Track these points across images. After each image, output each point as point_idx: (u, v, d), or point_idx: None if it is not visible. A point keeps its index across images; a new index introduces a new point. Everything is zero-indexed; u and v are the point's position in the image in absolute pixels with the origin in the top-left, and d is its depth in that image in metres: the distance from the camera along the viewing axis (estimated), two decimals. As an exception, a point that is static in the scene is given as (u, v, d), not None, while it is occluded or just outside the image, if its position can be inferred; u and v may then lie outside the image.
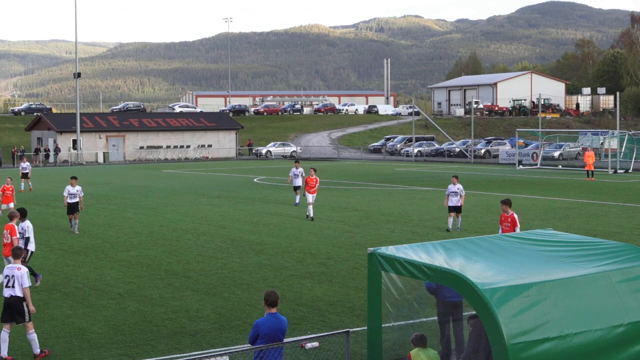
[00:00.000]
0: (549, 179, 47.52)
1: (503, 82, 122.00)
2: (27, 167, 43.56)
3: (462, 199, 24.82)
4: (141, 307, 15.32)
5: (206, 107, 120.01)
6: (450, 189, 24.80)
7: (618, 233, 24.01)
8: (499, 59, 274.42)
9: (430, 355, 9.78)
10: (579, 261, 9.95)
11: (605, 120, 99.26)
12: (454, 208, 24.74)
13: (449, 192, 24.83)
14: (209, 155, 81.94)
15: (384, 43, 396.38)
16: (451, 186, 24.79)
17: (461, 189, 24.78)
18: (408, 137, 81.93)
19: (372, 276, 10.26)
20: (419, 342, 9.95)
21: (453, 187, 24.68)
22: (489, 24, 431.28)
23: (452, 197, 24.63)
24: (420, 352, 9.79)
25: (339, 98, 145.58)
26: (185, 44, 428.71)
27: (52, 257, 21.03)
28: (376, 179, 47.69)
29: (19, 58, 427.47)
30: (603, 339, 8.85)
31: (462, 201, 24.87)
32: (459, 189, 24.69)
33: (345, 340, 10.19)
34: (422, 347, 9.89)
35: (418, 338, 10.00)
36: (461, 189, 24.78)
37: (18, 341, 13.09)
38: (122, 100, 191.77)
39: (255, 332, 9.66)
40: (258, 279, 17.91)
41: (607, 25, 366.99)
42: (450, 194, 24.72)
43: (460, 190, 24.66)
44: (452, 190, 24.67)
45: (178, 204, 34.34)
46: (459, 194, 24.60)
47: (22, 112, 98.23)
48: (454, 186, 24.68)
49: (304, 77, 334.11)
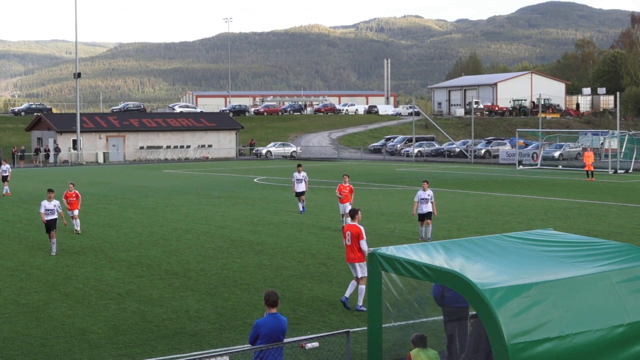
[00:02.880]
0: (549, 179, 47.52)
1: (503, 82, 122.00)
2: (7, 169, 41.85)
3: (434, 206, 22.78)
4: (141, 307, 15.32)
5: (206, 107, 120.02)
6: (419, 195, 22.78)
7: (618, 233, 24.00)
8: (499, 59, 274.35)
9: (430, 356, 9.78)
10: (579, 261, 9.95)
11: (606, 121, 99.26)
12: (424, 215, 22.65)
13: (418, 198, 22.74)
14: (209, 156, 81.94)
15: (384, 43, 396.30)
16: (421, 192, 22.82)
17: (432, 195, 22.80)
18: (408, 137, 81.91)
19: (372, 276, 10.26)
20: (419, 342, 9.95)
21: (423, 194, 22.72)
22: (489, 24, 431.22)
23: (422, 204, 22.60)
24: (421, 352, 9.79)
25: (339, 98, 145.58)
26: (185, 44, 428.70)
27: (52, 257, 21.03)
28: (376, 179, 47.69)
29: (19, 58, 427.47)
30: (603, 339, 8.85)
31: (434, 208, 22.81)
32: (430, 195, 22.72)
33: (345, 341, 10.19)
34: (422, 347, 9.89)
35: (418, 338, 10.00)
36: (432, 195, 22.80)
37: (18, 341, 13.09)
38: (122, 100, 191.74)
39: (255, 332, 9.66)
40: (258, 279, 17.91)
41: (607, 25, 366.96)
42: (419, 200, 22.66)
43: (430, 197, 22.69)
44: (422, 196, 22.68)
45: (178, 204, 34.35)
46: (429, 201, 22.62)
47: (22, 112, 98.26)
48: (424, 192, 22.74)
49: (304, 77, 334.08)
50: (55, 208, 21.81)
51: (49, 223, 21.64)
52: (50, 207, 21.78)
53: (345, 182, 25.53)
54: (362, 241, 14.86)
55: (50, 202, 21.80)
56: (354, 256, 14.94)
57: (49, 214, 21.71)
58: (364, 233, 14.97)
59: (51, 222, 21.64)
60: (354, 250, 14.92)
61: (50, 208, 21.75)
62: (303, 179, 30.07)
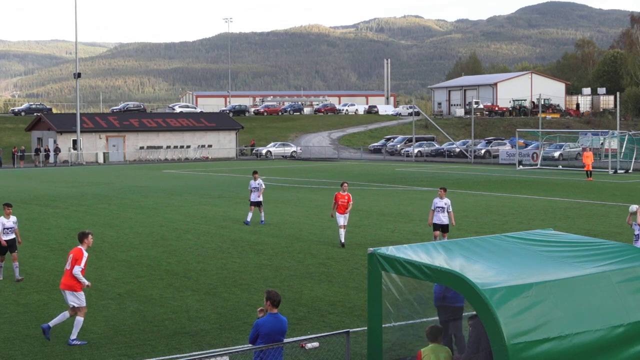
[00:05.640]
0: (549, 179, 47.52)
1: (503, 82, 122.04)
2: None
3: (451, 216, 20.72)
4: (141, 307, 15.32)
5: (206, 107, 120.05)
6: (435, 203, 20.70)
7: (618, 233, 24.01)
8: (499, 59, 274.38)
9: (440, 358, 9.60)
10: (579, 261, 9.95)
11: (606, 121, 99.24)
12: (440, 226, 20.60)
13: (434, 206, 20.70)
14: (209, 156, 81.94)
15: (384, 43, 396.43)
16: (437, 200, 20.69)
17: (449, 204, 20.69)
18: (408, 138, 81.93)
19: (373, 276, 10.26)
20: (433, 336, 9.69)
21: (439, 202, 20.60)
22: (489, 24, 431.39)
23: (439, 212, 20.61)
24: (432, 354, 9.57)
25: (339, 98, 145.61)
26: (185, 44, 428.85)
27: (52, 257, 21.02)
28: (376, 179, 47.69)
29: (19, 58, 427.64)
30: (603, 339, 8.85)
31: (452, 218, 20.76)
32: (447, 204, 20.60)
33: (345, 341, 10.19)
34: (436, 343, 9.68)
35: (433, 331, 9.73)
36: (449, 204, 20.69)
37: (18, 341, 13.09)
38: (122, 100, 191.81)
39: (255, 331, 9.67)
40: (258, 279, 17.91)
41: (607, 25, 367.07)
42: (436, 209, 20.66)
43: (447, 205, 20.57)
44: (438, 205, 20.61)
45: (178, 204, 34.34)
46: (446, 210, 20.57)
47: (22, 112, 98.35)
48: (440, 200, 20.60)
49: (304, 77, 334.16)
50: (14, 226, 18.04)
51: (9, 244, 17.88)
52: (10, 224, 17.97)
53: (343, 191, 22.38)
54: (76, 267, 13.02)
55: (8, 220, 17.95)
56: (67, 283, 13.10)
57: (8, 233, 17.93)
58: (84, 261, 13.13)
59: (11, 242, 17.96)
60: (68, 275, 13.11)
61: (9, 226, 17.95)
62: (259, 187, 27.01)
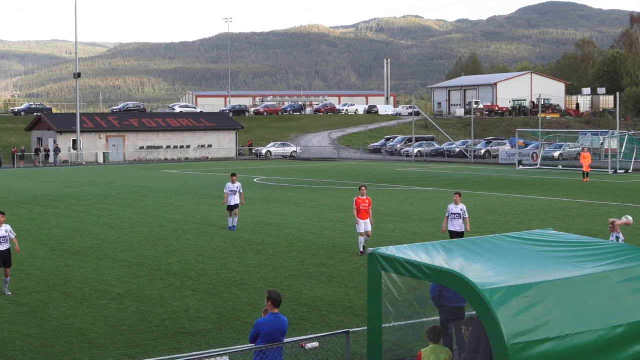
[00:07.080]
0: (549, 179, 47.52)
1: (503, 82, 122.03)
2: None
3: (467, 223, 19.46)
4: (141, 307, 15.32)
5: (206, 108, 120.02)
6: (450, 209, 19.51)
7: (618, 233, 23.97)
8: (499, 59, 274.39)
9: (440, 359, 9.59)
10: (579, 261, 9.95)
11: (606, 121, 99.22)
12: (457, 234, 18.93)
13: (448, 213, 19.53)
14: (209, 156, 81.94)
15: (384, 43, 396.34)
16: (452, 206, 19.50)
17: (465, 210, 19.46)
18: (408, 138, 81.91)
19: (372, 276, 10.25)
20: (432, 337, 9.74)
21: (454, 208, 19.41)
22: (489, 24, 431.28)
23: (454, 219, 19.41)
24: (432, 355, 9.60)
25: (339, 98, 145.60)
26: (185, 44, 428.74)
27: (52, 257, 21.03)
28: (376, 179, 47.68)
29: (19, 58, 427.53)
30: (603, 339, 8.85)
31: (467, 225, 19.48)
32: (462, 210, 19.39)
33: (345, 341, 10.19)
34: (436, 343, 9.71)
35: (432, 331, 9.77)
36: (465, 210, 19.46)
37: (18, 341, 13.10)
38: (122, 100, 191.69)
39: (256, 330, 9.68)
40: (258, 279, 17.91)
41: (607, 25, 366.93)
42: (450, 215, 19.48)
43: (463, 212, 19.38)
44: (453, 211, 19.42)
45: (178, 204, 34.34)
46: (462, 217, 19.36)
47: (22, 113, 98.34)
48: (455, 207, 19.40)
49: (304, 77, 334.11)
50: (7, 234, 16.65)
51: (3, 255, 16.58)
52: (2, 233, 16.57)
53: (362, 195, 20.84)
54: None
55: (1, 228, 16.57)
56: None
57: (2, 243, 16.56)
58: None
59: (5, 253, 16.59)
60: None
61: (2, 235, 16.56)
62: (237, 190, 25.88)
